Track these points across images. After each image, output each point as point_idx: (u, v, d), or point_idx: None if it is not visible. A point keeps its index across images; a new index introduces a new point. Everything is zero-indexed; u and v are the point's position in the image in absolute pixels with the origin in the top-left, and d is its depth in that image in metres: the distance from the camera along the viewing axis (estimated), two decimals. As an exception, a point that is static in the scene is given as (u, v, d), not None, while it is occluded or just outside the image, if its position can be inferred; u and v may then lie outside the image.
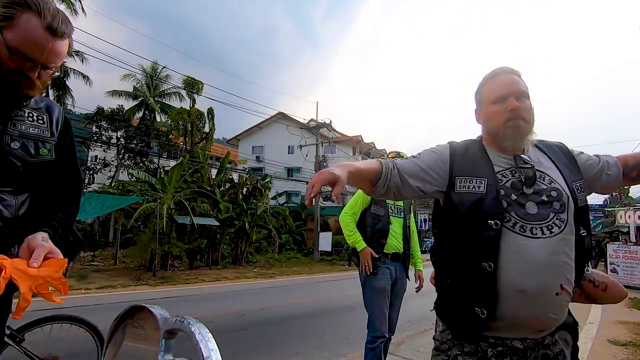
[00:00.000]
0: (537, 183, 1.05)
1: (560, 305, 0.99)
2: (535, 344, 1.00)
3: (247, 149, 32.24)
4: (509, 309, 0.98)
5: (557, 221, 1.00)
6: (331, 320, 5.76)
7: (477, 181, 1.07)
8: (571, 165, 1.12)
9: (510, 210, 1.01)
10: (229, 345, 4.07)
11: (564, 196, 1.03)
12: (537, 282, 0.96)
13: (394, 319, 2.66)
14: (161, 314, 0.63)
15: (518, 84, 1.11)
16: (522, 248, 0.98)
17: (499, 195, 1.03)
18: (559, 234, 0.99)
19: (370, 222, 2.61)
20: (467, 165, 1.11)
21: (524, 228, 0.99)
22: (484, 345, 1.02)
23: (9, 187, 0.96)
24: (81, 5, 16.45)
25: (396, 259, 2.62)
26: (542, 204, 1.01)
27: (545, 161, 1.11)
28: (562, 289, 0.97)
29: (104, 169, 20.51)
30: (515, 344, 1.00)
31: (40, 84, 0.97)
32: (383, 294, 2.50)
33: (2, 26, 0.89)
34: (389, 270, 2.57)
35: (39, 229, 0.97)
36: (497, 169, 1.08)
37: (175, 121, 21.53)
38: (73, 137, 1.16)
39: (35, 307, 1.02)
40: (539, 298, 0.96)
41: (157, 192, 11.93)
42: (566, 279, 0.98)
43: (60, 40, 0.95)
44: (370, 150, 35.82)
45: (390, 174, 1.12)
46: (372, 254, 2.48)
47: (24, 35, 0.90)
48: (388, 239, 2.57)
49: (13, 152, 0.96)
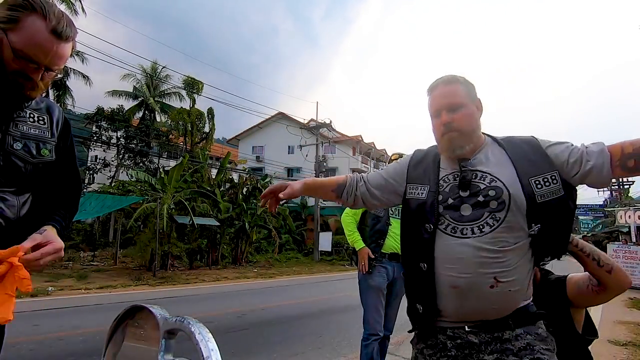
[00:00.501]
0: (475, 184, 1.08)
1: (499, 297, 1.02)
2: (491, 339, 1.02)
3: (247, 149, 32.23)
4: (449, 304, 1.07)
5: (490, 220, 1.04)
6: (331, 320, 5.76)
7: (421, 188, 1.18)
8: (537, 158, 1.08)
9: (446, 214, 1.09)
10: (229, 345, 4.07)
11: (503, 194, 1.04)
12: (467, 278, 1.03)
13: (392, 319, 2.67)
14: (161, 314, 0.64)
15: (452, 95, 1.13)
16: (452, 248, 1.06)
17: (437, 201, 1.12)
18: (490, 232, 1.03)
19: (370, 222, 2.70)
20: (419, 173, 1.22)
21: (455, 229, 1.07)
22: (442, 338, 1.09)
23: (11, 188, 0.97)
24: (81, 5, 16.47)
25: (395, 259, 2.63)
26: (477, 205, 1.06)
27: (498, 159, 1.11)
28: (498, 282, 1.01)
29: (104, 169, 20.49)
30: (470, 338, 1.04)
31: (42, 86, 0.98)
32: (377, 292, 2.54)
33: (7, 28, 0.90)
34: (386, 270, 2.60)
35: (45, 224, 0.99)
36: (442, 174, 1.17)
37: (175, 121, 21.53)
38: (72, 138, 1.17)
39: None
40: (472, 293, 1.03)
41: (157, 192, 11.93)
42: (500, 272, 1.01)
43: (64, 43, 0.96)
44: (371, 150, 35.81)
45: (356, 185, 1.31)
46: (369, 253, 2.54)
47: (29, 38, 0.90)
48: (386, 239, 2.62)
49: (15, 153, 0.97)
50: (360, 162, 33.98)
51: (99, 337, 4.34)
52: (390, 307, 2.66)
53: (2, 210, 0.94)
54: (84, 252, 14.97)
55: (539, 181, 1.05)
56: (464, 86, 1.16)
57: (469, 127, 1.12)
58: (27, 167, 0.99)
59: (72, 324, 5.11)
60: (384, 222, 2.64)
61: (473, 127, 1.13)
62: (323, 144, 20.98)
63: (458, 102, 1.12)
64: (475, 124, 1.14)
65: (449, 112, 1.12)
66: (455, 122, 1.11)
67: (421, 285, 1.12)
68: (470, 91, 1.16)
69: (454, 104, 1.12)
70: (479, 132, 1.16)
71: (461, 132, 1.11)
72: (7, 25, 0.89)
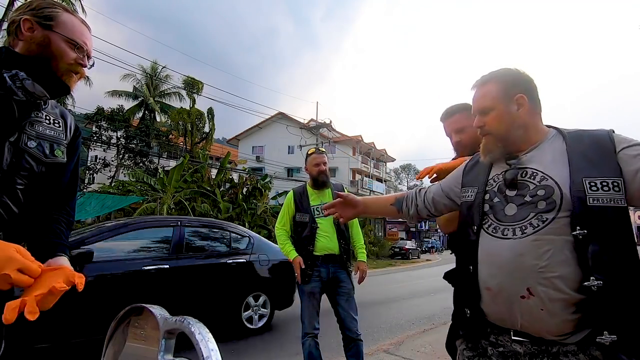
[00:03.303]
0: (523, 182, 1.02)
1: (530, 309, 0.93)
2: (538, 351, 0.95)
3: (247, 149, 32.26)
4: (484, 307, 1.03)
5: (534, 221, 0.95)
6: (330, 321, 5.75)
7: (471, 190, 1.16)
8: (599, 159, 0.95)
9: (491, 214, 1.05)
10: (229, 346, 4.08)
11: (554, 194, 0.95)
12: (499, 281, 0.98)
13: (352, 319, 2.61)
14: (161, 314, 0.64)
15: (483, 98, 1.11)
16: (492, 250, 1.02)
17: (484, 200, 1.09)
18: (532, 234, 0.94)
19: (297, 230, 2.74)
20: (471, 177, 1.20)
21: (497, 229, 1.02)
22: (484, 343, 1.05)
23: (21, 185, 0.99)
24: (81, 5, 16.48)
25: (330, 260, 2.63)
26: (523, 205, 0.99)
27: (555, 156, 1.02)
28: (531, 294, 0.92)
29: (104, 169, 20.49)
30: (515, 347, 0.99)
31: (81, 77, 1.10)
32: (310, 297, 2.60)
33: (50, 25, 1.01)
34: (319, 273, 2.61)
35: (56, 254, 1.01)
36: (492, 174, 1.13)
37: (175, 121, 21.54)
38: (80, 145, 1.21)
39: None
40: (501, 297, 0.98)
41: (157, 192, 11.94)
42: (538, 283, 0.91)
43: (90, 33, 1.10)
44: (371, 150, 35.82)
45: (416, 196, 1.34)
46: (300, 263, 2.58)
47: (72, 28, 1.04)
48: (317, 242, 2.62)
49: (29, 151, 1.00)
50: (360, 162, 33.99)
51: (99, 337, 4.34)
52: (344, 308, 2.61)
53: (8, 206, 0.97)
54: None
55: (595, 183, 0.91)
56: (499, 84, 1.09)
57: (500, 129, 1.08)
58: (39, 166, 1.03)
59: (72, 324, 5.10)
60: (309, 227, 2.65)
61: (507, 127, 1.07)
62: (323, 144, 21.01)
63: (488, 105, 1.09)
64: (510, 124, 1.07)
65: (481, 116, 1.11)
66: (487, 125, 1.10)
67: (468, 288, 1.08)
68: (508, 88, 1.08)
69: (484, 107, 1.10)
70: (520, 131, 1.07)
71: (494, 135, 1.09)
72: (49, 22, 1.01)
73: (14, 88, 0.96)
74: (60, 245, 1.05)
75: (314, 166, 2.75)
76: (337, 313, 2.67)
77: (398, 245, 26.25)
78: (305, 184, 2.86)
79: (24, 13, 1.00)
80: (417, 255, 27.69)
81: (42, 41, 1.00)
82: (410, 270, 16.77)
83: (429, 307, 6.69)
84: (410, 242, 28.61)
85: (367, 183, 33.94)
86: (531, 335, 0.95)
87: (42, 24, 1.00)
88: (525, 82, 1.09)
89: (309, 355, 2.58)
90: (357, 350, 2.59)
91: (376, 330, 4.94)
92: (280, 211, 2.86)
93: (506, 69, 1.12)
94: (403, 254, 25.15)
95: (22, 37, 1.00)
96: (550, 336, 0.93)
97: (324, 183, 2.75)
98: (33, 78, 0.98)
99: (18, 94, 0.97)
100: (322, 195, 2.77)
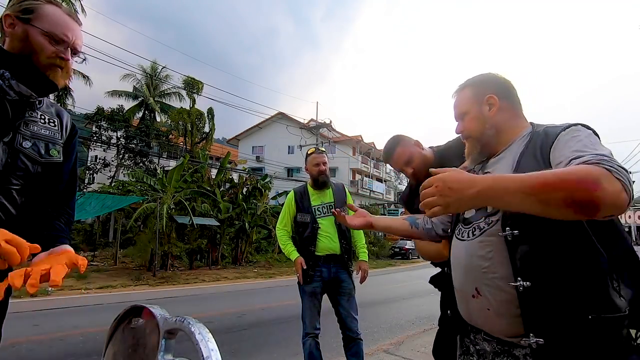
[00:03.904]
0: None
1: (479, 309, 0.95)
2: (501, 351, 0.95)
3: (247, 149, 32.26)
4: (458, 307, 1.08)
5: (482, 223, 0.98)
6: (330, 321, 5.75)
7: None
8: (542, 156, 0.92)
9: (462, 219, 1.10)
10: (229, 345, 4.08)
11: None
12: (459, 282, 1.04)
13: (350, 319, 2.62)
14: (161, 314, 0.63)
15: (458, 104, 1.14)
16: (455, 251, 1.08)
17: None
18: (479, 236, 0.97)
19: (298, 230, 2.75)
20: None
21: (460, 232, 1.07)
22: (466, 342, 1.10)
23: (17, 185, 0.99)
24: (81, 5, 16.47)
25: (331, 260, 2.63)
26: (479, 208, 1.01)
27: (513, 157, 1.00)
28: (479, 294, 0.94)
29: (104, 169, 20.49)
30: (484, 346, 1.01)
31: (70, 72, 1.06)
32: (311, 297, 2.62)
33: (29, 19, 0.97)
34: (320, 273, 2.62)
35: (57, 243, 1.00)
36: None
37: (175, 121, 21.54)
38: (76, 144, 1.20)
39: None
40: (459, 297, 1.04)
41: (157, 192, 11.93)
42: (484, 283, 0.93)
43: (79, 27, 1.06)
44: (371, 150, 35.80)
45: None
46: (302, 263, 2.59)
47: (53, 21, 0.99)
48: (318, 242, 2.63)
49: (24, 151, 0.99)
50: (360, 162, 33.99)
51: (99, 337, 4.34)
52: (344, 308, 2.63)
53: (4, 207, 0.96)
54: (84, 252, 14.96)
55: None
56: (472, 88, 1.12)
57: (477, 130, 1.09)
58: (34, 166, 1.01)
59: (72, 324, 5.11)
60: (310, 227, 2.66)
61: (481, 128, 1.07)
62: (323, 144, 21.00)
63: (463, 109, 1.12)
64: (483, 124, 1.07)
65: (460, 121, 1.14)
66: (465, 129, 1.12)
67: (448, 290, 1.15)
68: (479, 91, 1.09)
69: (461, 112, 1.13)
70: (493, 131, 1.06)
71: (473, 137, 1.10)
72: (27, 15, 0.97)
73: (5, 87, 0.94)
74: (60, 237, 1.04)
75: (314, 166, 2.75)
76: (337, 313, 2.67)
77: (398, 245, 26.22)
78: (306, 184, 2.86)
79: (8, 8, 0.99)
80: (417, 255, 27.68)
81: (22, 36, 0.96)
82: (410, 270, 16.79)
83: (429, 307, 6.69)
84: (410, 242, 28.59)
85: (367, 183, 33.95)
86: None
87: (21, 18, 0.97)
88: (497, 83, 1.09)
89: (310, 355, 2.58)
90: (358, 350, 2.59)
91: (376, 330, 4.95)
92: (280, 211, 2.86)
93: (480, 74, 1.14)
94: (403, 254, 25.16)
95: (6, 33, 0.98)
96: (504, 337, 0.93)
97: (324, 183, 2.75)
98: (17, 77, 0.96)
99: (10, 94, 0.95)
100: (322, 195, 2.76)
